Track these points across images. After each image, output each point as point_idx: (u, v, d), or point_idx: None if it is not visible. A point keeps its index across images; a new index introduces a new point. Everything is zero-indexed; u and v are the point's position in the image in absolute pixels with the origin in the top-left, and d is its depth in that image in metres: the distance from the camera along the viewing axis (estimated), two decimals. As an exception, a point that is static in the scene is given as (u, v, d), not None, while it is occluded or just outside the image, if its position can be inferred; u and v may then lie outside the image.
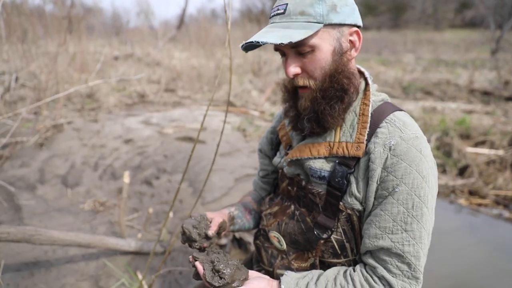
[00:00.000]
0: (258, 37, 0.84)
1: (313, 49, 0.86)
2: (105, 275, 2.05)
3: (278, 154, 1.16)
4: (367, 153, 0.87)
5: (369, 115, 0.91)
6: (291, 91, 0.98)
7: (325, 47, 0.87)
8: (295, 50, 0.88)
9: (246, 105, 6.77)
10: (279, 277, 0.90)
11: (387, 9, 33.00)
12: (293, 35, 0.81)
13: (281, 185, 1.13)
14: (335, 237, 0.93)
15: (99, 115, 5.60)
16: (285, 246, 1.05)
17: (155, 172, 3.55)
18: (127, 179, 2.09)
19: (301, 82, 0.91)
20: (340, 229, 0.93)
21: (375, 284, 0.83)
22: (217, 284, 0.84)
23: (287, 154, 1.07)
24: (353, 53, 0.93)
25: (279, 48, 0.91)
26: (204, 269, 0.87)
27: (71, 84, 6.01)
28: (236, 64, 8.99)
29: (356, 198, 0.88)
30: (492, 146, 4.50)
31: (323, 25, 0.84)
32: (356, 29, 0.91)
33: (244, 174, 3.50)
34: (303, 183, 1.00)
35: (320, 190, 0.95)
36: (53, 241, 1.81)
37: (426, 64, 13.52)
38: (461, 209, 3.42)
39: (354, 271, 0.88)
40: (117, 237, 2.27)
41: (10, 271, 1.98)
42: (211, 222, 1.05)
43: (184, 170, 3.54)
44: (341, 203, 0.91)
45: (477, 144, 4.67)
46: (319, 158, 0.95)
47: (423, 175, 0.82)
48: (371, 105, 0.92)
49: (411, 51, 18.27)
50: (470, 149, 4.42)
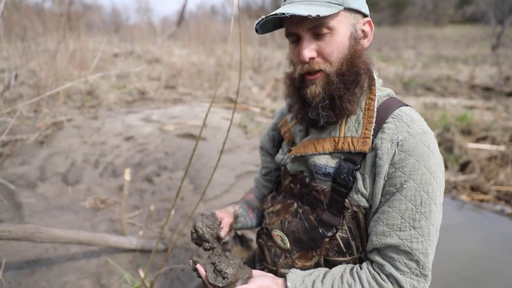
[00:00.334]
0: (284, 10, 0.80)
1: (331, 31, 0.84)
2: (106, 273, 2.04)
3: (280, 151, 1.14)
4: (374, 149, 0.85)
5: (375, 110, 0.89)
6: (299, 80, 0.93)
7: (342, 31, 0.85)
8: (312, 32, 0.85)
9: (246, 101, 6.75)
10: (283, 276, 0.88)
11: (388, 5, 32.88)
12: (320, 10, 0.79)
13: (283, 183, 1.11)
14: (340, 235, 0.92)
15: (99, 112, 5.57)
16: (288, 245, 1.03)
17: (156, 169, 3.53)
18: (128, 176, 2.08)
19: (317, 66, 0.86)
20: (345, 227, 0.91)
21: (382, 282, 0.82)
22: (220, 284, 0.82)
23: (290, 150, 1.05)
24: (365, 43, 0.91)
25: (293, 32, 0.87)
26: (206, 271, 0.85)
27: (71, 81, 5.99)
28: (236, 60, 8.95)
29: (362, 195, 0.87)
30: (493, 141, 4.49)
31: (343, 7, 0.82)
32: (369, 19, 0.90)
33: (245, 170, 3.48)
34: (307, 180, 0.98)
35: (324, 187, 0.93)
36: (54, 239, 1.80)
37: (426, 60, 13.47)
38: (463, 205, 3.41)
39: (361, 269, 0.86)
40: (118, 234, 2.26)
41: (11, 269, 1.98)
42: (221, 222, 1.02)
43: (185, 167, 3.53)
44: (347, 200, 0.89)
45: (479, 140, 4.66)
46: (324, 154, 0.93)
47: (432, 171, 0.80)
48: (376, 100, 0.90)
49: (411, 47, 18.23)
50: (471, 145, 4.41)
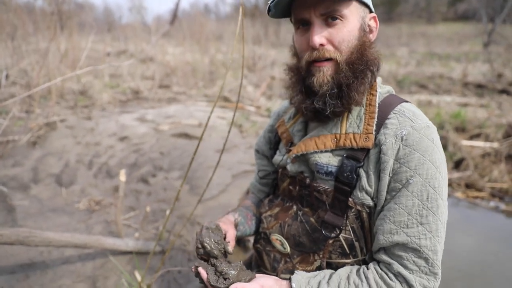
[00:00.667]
0: None
1: (343, 19, 0.84)
2: (102, 276, 2.01)
3: (278, 152, 1.12)
4: (377, 145, 0.84)
5: (376, 105, 0.89)
6: (305, 68, 0.90)
7: (353, 21, 0.86)
8: (324, 18, 0.84)
9: (241, 100, 6.73)
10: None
11: (381, 3, 32.99)
12: None
13: (281, 185, 1.09)
14: (344, 235, 0.90)
15: (93, 112, 5.50)
16: (288, 249, 1.00)
17: (151, 169, 3.50)
18: (123, 177, 2.05)
19: (327, 54, 0.85)
20: (349, 227, 0.89)
21: (390, 281, 0.80)
22: (222, 286, 0.81)
23: (289, 151, 1.02)
24: (371, 38, 0.92)
25: (304, 17, 0.85)
26: (207, 274, 0.84)
27: (63, 81, 5.91)
28: (231, 60, 8.91)
29: (367, 192, 0.85)
30: (487, 138, 4.53)
31: None
32: (374, 15, 0.92)
33: (241, 170, 3.47)
34: (307, 181, 0.96)
35: (327, 187, 0.92)
36: (48, 242, 1.76)
37: (420, 57, 13.57)
38: (458, 203, 3.43)
39: (367, 269, 0.85)
40: (114, 236, 2.23)
41: (4, 273, 1.94)
42: (225, 234, 0.99)
43: (180, 167, 3.50)
44: (350, 199, 0.87)
45: (472, 137, 4.70)
46: (326, 152, 0.92)
47: (437, 165, 0.80)
48: (377, 96, 0.90)
49: (405, 45, 18.33)
50: (465, 142, 4.45)
